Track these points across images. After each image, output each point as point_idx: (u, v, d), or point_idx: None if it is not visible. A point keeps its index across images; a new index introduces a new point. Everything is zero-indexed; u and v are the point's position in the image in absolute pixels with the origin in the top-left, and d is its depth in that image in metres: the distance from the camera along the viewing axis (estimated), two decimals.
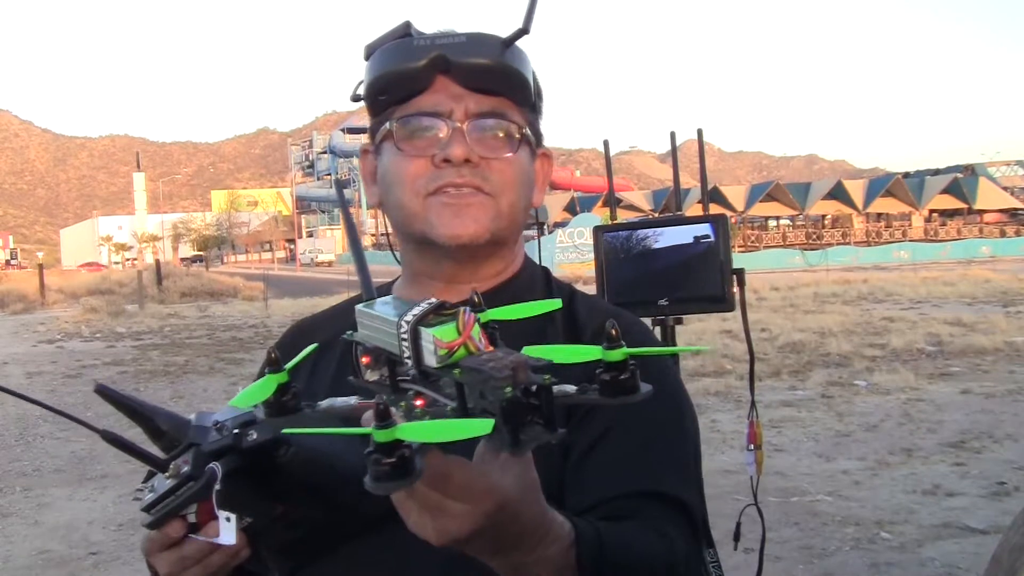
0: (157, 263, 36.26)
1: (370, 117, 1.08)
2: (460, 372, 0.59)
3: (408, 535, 0.66)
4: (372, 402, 0.64)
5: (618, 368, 0.59)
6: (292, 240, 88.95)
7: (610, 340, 0.59)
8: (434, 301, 0.63)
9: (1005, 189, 62.95)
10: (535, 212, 1.14)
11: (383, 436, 0.55)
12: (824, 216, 60.12)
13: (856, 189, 58.00)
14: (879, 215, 60.86)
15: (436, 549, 0.66)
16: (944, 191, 58.61)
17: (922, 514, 5.01)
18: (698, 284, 2.18)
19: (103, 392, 0.80)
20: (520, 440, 0.57)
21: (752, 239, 53.12)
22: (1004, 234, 54.20)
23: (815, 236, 54.74)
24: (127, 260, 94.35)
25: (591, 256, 2.34)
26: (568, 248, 36.01)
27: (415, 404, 0.63)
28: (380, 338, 0.65)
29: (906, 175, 62.79)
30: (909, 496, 5.35)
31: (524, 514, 0.67)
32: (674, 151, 2.58)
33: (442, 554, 0.74)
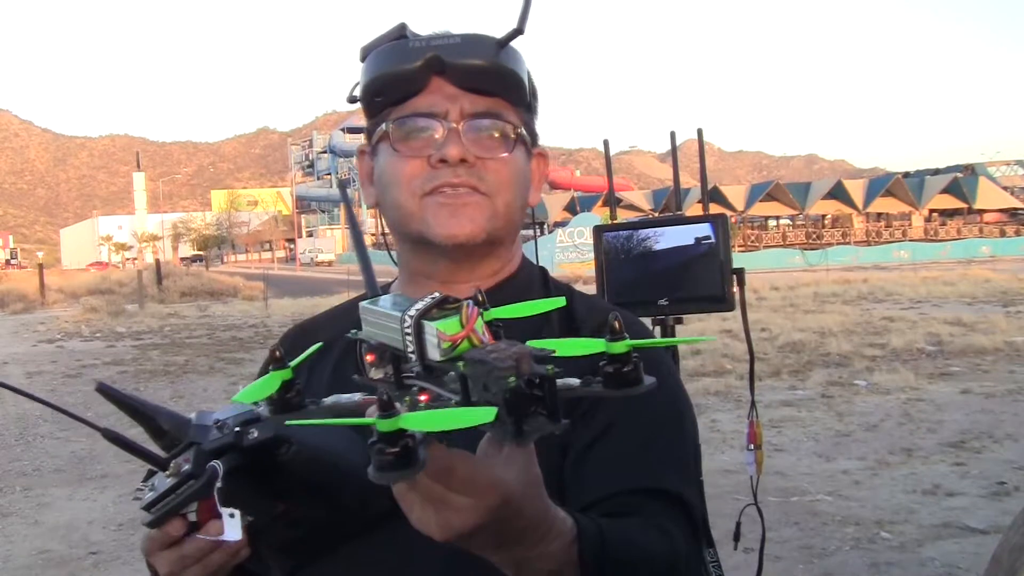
0: (157, 263, 36.28)
1: (366, 119, 1.08)
2: (464, 365, 0.59)
3: (410, 534, 0.65)
4: (376, 397, 0.64)
5: (621, 360, 0.60)
6: (292, 240, 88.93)
7: (613, 332, 0.60)
8: (437, 295, 0.63)
9: (1005, 189, 62.97)
10: (532, 211, 1.14)
11: (386, 425, 0.55)
12: (824, 216, 60.15)
13: (856, 189, 58.05)
14: (879, 215, 60.88)
15: (437, 549, 0.66)
16: (944, 191, 58.66)
17: (922, 514, 5.01)
18: (698, 284, 2.18)
19: (104, 391, 0.80)
20: (523, 431, 0.57)
21: (752, 239, 53.17)
22: (1004, 234, 54.27)
23: (815, 236, 54.78)
24: (127, 260, 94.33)
25: (591, 256, 2.34)
26: (568, 248, 36.07)
27: (419, 399, 0.63)
28: (384, 334, 0.65)
29: (906, 175, 62.83)
30: (909, 496, 5.36)
31: (527, 509, 0.68)
32: (674, 151, 2.58)
33: (443, 554, 0.74)
